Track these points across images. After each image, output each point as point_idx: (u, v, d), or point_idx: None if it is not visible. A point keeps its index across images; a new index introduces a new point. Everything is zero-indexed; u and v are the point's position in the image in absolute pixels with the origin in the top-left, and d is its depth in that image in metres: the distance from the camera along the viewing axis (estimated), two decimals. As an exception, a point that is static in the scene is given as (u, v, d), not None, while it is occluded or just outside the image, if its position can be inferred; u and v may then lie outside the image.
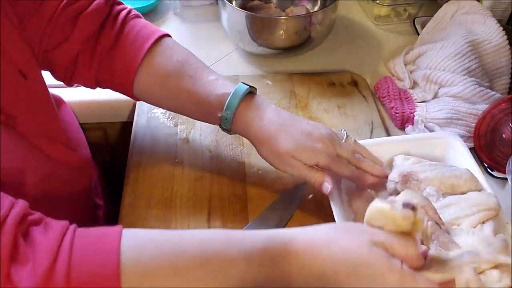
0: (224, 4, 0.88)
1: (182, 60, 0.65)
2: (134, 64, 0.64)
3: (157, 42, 0.65)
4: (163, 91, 0.65)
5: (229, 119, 0.62)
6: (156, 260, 0.43)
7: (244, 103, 0.62)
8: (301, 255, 0.45)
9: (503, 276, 0.54)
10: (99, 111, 0.87)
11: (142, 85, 0.65)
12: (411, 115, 0.81)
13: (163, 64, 0.64)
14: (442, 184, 0.63)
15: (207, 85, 0.63)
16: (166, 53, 0.65)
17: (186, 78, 0.64)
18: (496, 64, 0.84)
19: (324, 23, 0.90)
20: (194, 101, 0.64)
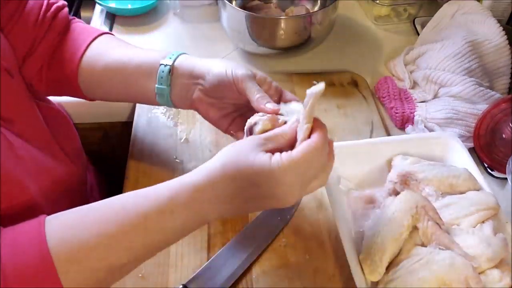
0: (224, 4, 0.88)
1: (123, 42, 0.69)
2: (76, 55, 0.66)
3: (100, 35, 0.69)
4: (103, 68, 0.66)
5: (174, 55, 0.63)
6: (82, 234, 0.45)
7: (185, 55, 0.65)
8: (206, 191, 0.47)
9: (503, 276, 0.54)
10: (99, 111, 0.87)
11: (85, 70, 0.67)
12: (411, 115, 0.81)
13: (104, 46, 0.67)
14: (441, 184, 0.63)
15: (148, 50, 0.67)
16: (109, 43, 0.68)
17: (125, 48, 0.67)
18: (496, 64, 0.84)
19: (324, 23, 0.90)
20: (134, 61, 0.65)
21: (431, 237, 0.55)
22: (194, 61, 0.63)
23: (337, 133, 0.79)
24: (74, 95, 0.70)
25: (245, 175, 0.47)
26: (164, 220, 0.47)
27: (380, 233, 0.56)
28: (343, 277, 0.61)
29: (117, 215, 0.47)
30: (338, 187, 0.67)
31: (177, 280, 0.60)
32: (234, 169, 0.47)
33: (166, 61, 0.63)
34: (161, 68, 0.62)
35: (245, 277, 0.61)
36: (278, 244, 0.64)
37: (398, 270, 0.54)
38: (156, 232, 0.47)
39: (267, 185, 0.47)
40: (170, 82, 0.62)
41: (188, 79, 0.62)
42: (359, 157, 0.69)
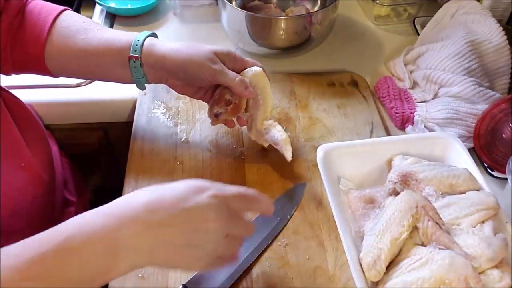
0: (224, 4, 0.88)
1: (87, 21, 0.71)
2: (42, 34, 0.67)
3: (61, 13, 0.70)
4: (72, 49, 0.68)
5: (139, 44, 0.67)
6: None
7: (153, 38, 0.69)
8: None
9: (503, 276, 0.54)
10: (99, 111, 0.87)
11: (53, 52, 0.68)
12: (411, 115, 0.81)
13: (70, 27, 0.69)
14: (441, 184, 0.63)
15: (115, 32, 0.70)
16: (72, 19, 0.70)
17: (93, 31, 0.69)
18: (496, 64, 0.84)
19: (324, 23, 0.90)
20: (104, 45, 0.68)
21: (431, 237, 0.55)
22: (162, 53, 0.67)
23: (337, 133, 0.79)
24: (41, 73, 0.71)
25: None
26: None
27: (380, 233, 0.56)
28: (343, 277, 0.61)
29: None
30: (338, 187, 0.67)
31: (177, 280, 0.60)
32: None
33: (134, 54, 0.67)
34: (131, 63, 0.67)
35: (245, 277, 0.61)
36: (278, 244, 0.64)
37: (398, 270, 0.54)
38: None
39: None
40: (144, 72, 0.69)
41: (160, 71, 0.69)
42: (359, 157, 0.69)
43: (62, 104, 0.85)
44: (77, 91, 0.86)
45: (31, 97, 0.84)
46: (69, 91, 0.86)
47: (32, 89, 0.85)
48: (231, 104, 0.70)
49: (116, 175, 0.99)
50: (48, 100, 0.85)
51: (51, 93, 0.85)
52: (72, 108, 0.86)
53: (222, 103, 0.70)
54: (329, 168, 0.66)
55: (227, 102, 0.70)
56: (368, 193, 0.65)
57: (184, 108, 0.83)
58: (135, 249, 0.45)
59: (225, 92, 0.70)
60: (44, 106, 0.84)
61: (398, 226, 0.55)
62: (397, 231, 0.55)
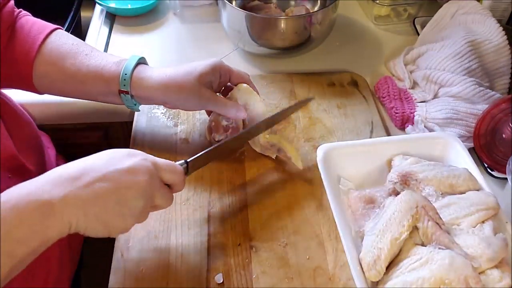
0: (224, 4, 0.88)
1: (77, 43, 0.70)
2: (31, 52, 0.67)
3: (52, 33, 0.70)
4: (60, 73, 0.68)
5: (128, 78, 0.67)
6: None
7: (140, 66, 0.69)
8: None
9: (503, 276, 0.54)
10: (99, 111, 0.86)
11: (41, 71, 0.68)
12: (411, 115, 0.81)
13: (59, 49, 0.68)
14: (441, 184, 0.63)
15: (104, 58, 0.69)
16: (61, 39, 0.70)
17: (82, 56, 0.68)
18: (496, 64, 0.84)
19: (324, 23, 0.90)
20: (93, 73, 0.68)
21: (431, 237, 0.55)
22: (150, 86, 0.68)
23: (337, 133, 0.79)
24: (27, 90, 0.71)
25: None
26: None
27: (380, 233, 0.56)
28: (343, 277, 0.61)
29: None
30: (338, 187, 0.67)
31: (177, 280, 0.60)
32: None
33: (123, 89, 0.68)
34: (122, 96, 0.69)
35: (245, 277, 0.61)
36: (278, 244, 0.64)
37: (398, 270, 0.54)
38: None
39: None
40: (136, 101, 0.70)
41: (152, 102, 0.72)
42: (359, 157, 0.69)
43: (62, 104, 0.85)
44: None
45: (31, 97, 0.83)
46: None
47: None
48: (229, 129, 0.72)
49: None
50: (47, 100, 0.84)
51: (51, 93, 0.85)
52: (72, 108, 0.85)
53: (220, 130, 0.73)
54: (329, 168, 0.66)
55: (225, 128, 0.72)
56: (368, 193, 0.65)
57: (184, 108, 0.83)
58: (69, 205, 0.47)
59: (220, 118, 0.72)
60: (43, 106, 0.84)
61: (398, 226, 0.55)
62: (397, 231, 0.55)
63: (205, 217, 0.67)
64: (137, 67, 0.69)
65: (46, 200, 0.46)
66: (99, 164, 0.51)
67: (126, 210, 0.51)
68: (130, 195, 0.51)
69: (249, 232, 0.66)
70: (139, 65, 0.69)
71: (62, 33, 0.71)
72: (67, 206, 0.47)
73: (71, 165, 0.51)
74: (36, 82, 0.69)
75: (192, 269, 0.62)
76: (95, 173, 0.49)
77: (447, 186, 0.63)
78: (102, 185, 0.49)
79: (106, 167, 0.50)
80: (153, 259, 0.63)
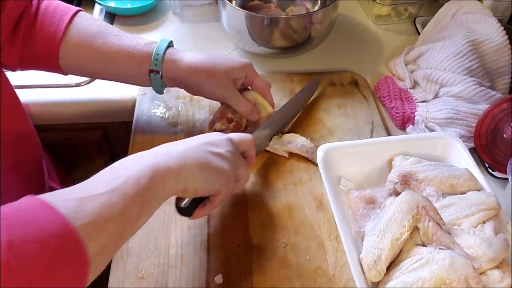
0: (224, 4, 0.88)
1: (105, 24, 0.72)
2: (58, 34, 0.68)
3: (76, 14, 0.70)
4: (90, 53, 0.69)
5: (160, 58, 0.69)
6: (94, 206, 0.44)
7: (171, 48, 0.72)
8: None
9: (504, 276, 0.54)
10: (99, 111, 0.86)
11: (68, 52, 0.69)
12: (411, 115, 0.81)
13: (87, 29, 0.69)
14: (442, 184, 0.63)
15: (134, 39, 0.71)
16: (87, 21, 0.71)
17: (111, 36, 0.70)
18: (497, 63, 0.84)
19: (324, 23, 0.89)
20: (124, 53, 0.69)
21: (431, 238, 0.55)
22: (182, 69, 0.71)
23: (337, 133, 0.79)
24: (51, 71, 0.72)
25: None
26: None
27: (380, 234, 0.56)
28: (343, 277, 0.61)
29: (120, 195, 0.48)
30: (338, 187, 0.67)
31: (177, 280, 0.60)
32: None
33: (155, 68, 0.70)
34: (152, 75, 0.71)
35: (245, 277, 0.61)
36: (278, 244, 0.64)
37: (398, 270, 0.54)
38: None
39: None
40: (163, 82, 0.72)
41: (178, 84, 0.73)
42: (360, 157, 0.69)
43: (62, 104, 0.85)
44: (76, 91, 0.86)
45: (31, 97, 0.83)
46: (68, 91, 0.86)
47: (31, 89, 0.85)
48: (233, 122, 0.74)
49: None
50: (47, 100, 0.85)
51: (51, 93, 0.85)
52: (72, 108, 0.85)
53: (224, 120, 0.74)
54: (329, 168, 0.66)
55: (229, 119, 0.74)
56: (369, 193, 0.65)
57: (184, 108, 0.83)
58: (185, 169, 0.53)
59: (227, 110, 0.74)
60: (43, 106, 0.84)
61: (399, 226, 0.55)
62: (397, 231, 0.55)
63: (205, 217, 0.67)
64: (168, 49, 0.71)
65: (168, 167, 0.51)
66: (191, 141, 0.57)
67: (221, 170, 0.56)
68: (220, 160, 0.56)
69: (249, 232, 0.66)
70: (169, 47, 0.71)
71: (87, 15, 0.72)
72: (184, 171, 0.53)
73: (172, 144, 0.56)
74: (62, 63, 0.69)
75: (192, 269, 0.61)
76: (192, 146, 0.56)
77: (447, 186, 0.63)
78: (196, 142, 0.56)
79: (199, 144, 0.56)
80: (152, 260, 0.62)
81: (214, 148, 0.57)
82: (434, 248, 0.54)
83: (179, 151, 0.54)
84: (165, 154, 0.53)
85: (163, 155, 0.52)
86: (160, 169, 0.50)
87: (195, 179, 0.54)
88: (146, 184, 0.49)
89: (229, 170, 0.57)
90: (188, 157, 0.54)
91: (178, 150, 0.54)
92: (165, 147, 0.55)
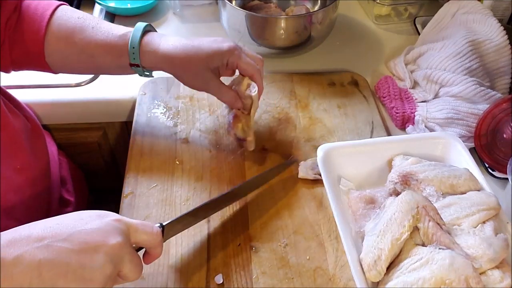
0: (224, 4, 0.88)
1: (82, 17, 0.70)
2: (40, 31, 0.67)
3: (57, 9, 0.70)
4: (71, 49, 0.69)
5: (136, 52, 0.67)
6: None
7: (146, 36, 0.69)
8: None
9: (504, 276, 0.54)
10: (99, 111, 0.86)
11: (52, 49, 0.69)
12: (411, 115, 0.81)
13: (66, 24, 0.69)
14: (442, 184, 0.63)
15: (110, 31, 0.69)
16: (67, 15, 0.70)
17: (89, 29, 0.69)
18: (497, 63, 0.84)
19: (324, 23, 0.89)
20: (101, 48, 0.68)
21: (431, 238, 0.55)
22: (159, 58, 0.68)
23: (337, 133, 0.79)
24: (41, 69, 0.72)
25: None
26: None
27: (380, 234, 0.55)
28: (343, 277, 0.61)
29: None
30: (338, 187, 0.67)
31: (177, 280, 0.60)
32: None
33: (133, 62, 0.68)
34: (133, 68, 0.69)
35: (245, 277, 0.61)
36: (278, 244, 0.64)
37: (398, 270, 0.54)
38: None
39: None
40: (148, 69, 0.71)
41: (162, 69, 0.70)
42: (360, 157, 0.69)
43: (62, 104, 0.85)
44: (76, 91, 0.86)
45: (31, 97, 0.84)
46: (69, 91, 0.86)
47: (31, 89, 0.85)
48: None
49: (115, 175, 0.99)
50: (47, 100, 0.85)
51: (51, 93, 0.85)
52: (72, 108, 0.85)
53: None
54: (329, 168, 0.66)
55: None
56: (369, 193, 0.65)
57: (184, 108, 0.83)
58: (21, 266, 0.42)
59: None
60: (43, 106, 0.84)
61: (399, 226, 0.55)
62: (397, 231, 0.55)
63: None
64: (144, 37, 0.68)
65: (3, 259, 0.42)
66: (64, 224, 0.45)
67: (88, 275, 0.44)
68: (96, 259, 0.44)
69: (249, 232, 0.66)
70: (146, 33, 0.69)
71: (67, 8, 0.71)
72: (19, 267, 0.42)
73: (35, 224, 0.46)
74: (49, 60, 0.69)
75: (192, 269, 0.61)
76: (57, 233, 0.44)
77: (447, 186, 0.63)
78: (63, 246, 0.44)
79: (72, 227, 0.45)
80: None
81: (99, 238, 0.45)
82: (434, 248, 0.54)
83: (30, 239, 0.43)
84: (9, 241, 0.43)
85: (6, 242, 0.43)
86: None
87: (39, 280, 0.42)
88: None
89: (107, 272, 0.45)
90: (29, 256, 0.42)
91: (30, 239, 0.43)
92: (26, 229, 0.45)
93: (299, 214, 0.68)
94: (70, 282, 0.43)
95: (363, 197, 0.64)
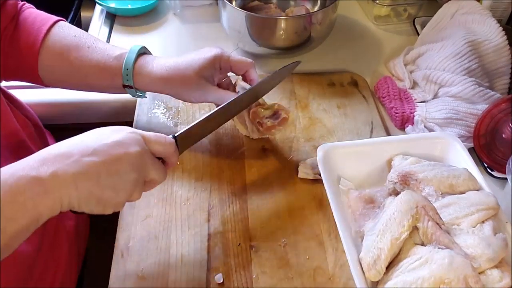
0: (224, 4, 0.88)
1: (79, 35, 0.71)
2: (36, 44, 0.67)
3: (54, 24, 0.70)
4: (65, 66, 0.69)
5: (130, 74, 0.68)
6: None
7: (140, 59, 0.70)
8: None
9: (503, 276, 0.54)
10: (100, 111, 0.87)
11: (45, 64, 0.69)
12: (411, 115, 0.81)
13: (62, 41, 0.69)
14: (441, 184, 0.63)
15: (105, 51, 0.70)
16: (64, 32, 0.70)
17: (84, 49, 0.69)
18: (496, 64, 0.84)
19: (324, 23, 0.90)
20: (96, 68, 0.69)
21: (431, 237, 0.55)
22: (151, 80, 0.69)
23: (337, 133, 0.79)
24: (32, 82, 0.72)
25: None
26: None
27: (380, 233, 0.56)
28: (343, 277, 0.61)
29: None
30: (337, 187, 0.67)
31: (177, 280, 0.60)
32: None
33: (127, 83, 0.69)
34: (127, 89, 0.70)
35: (245, 277, 0.61)
36: (278, 244, 0.64)
37: (398, 270, 0.54)
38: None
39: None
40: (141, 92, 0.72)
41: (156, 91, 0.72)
42: (359, 157, 0.69)
43: (62, 104, 0.85)
44: (76, 91, 0.86)
45: (31, 97, 0.84)
46: (69, 91, 0.85)
47: (32, 89, 0.85)
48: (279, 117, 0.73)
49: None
50: (48, 100, 0.85)
51: (51, 93, 0.85)
52: (72, 108, 0.86)
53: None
54: (329, 168, 0.66)
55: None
56: (368, 193, 0.65)
57: (184, 108, 0.83)
58: (59, 181, 0.46)
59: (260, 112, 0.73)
60: (44, 106, 0.84)
61: (398, 226, 0.55)
62: (397, 231, 0.55)
63: (205, 217, 0.67)
64: (138, 60, 0.69)
65: (35, 177, 0.45)
66: (87, 141, 0.50)
67: (118, 183, 0.50)
68: (121, 167, 0.50)
69: (249, 232, 0.66)
70: (140, 56, 0.70)
71: (65, 24, 0.71)
72: (57, 182, 0.46)
73: (59, 144, 0.50)
74: (41, 74, 0.69)
75: (192, 269, 0.62)
76: (83, 149, 0.49)
77: (447, 186, 0.63)
78: (91, 159, 0.48)
79: (95, 142, 0.50)
80: (153, 259, 0.63)
81: (120, 149, 0.50)
82: (433, 247, 0.54)
83: (61, 152, 0.48)
84: (41, 161, 0.47)
85: (39, 162, 0.47)
86: (21, 179, 0.45)
87: (77, 192, 0.47)
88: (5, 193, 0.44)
89: (132, 178, 0.51)
90: (67, 166, 0.47)
91: (61, 152, 0.48)
92: (54, 149, 0.49)
93: (299, 214, 0.68)
94: (102, 191, 0.49)
95: (363, 197, 0.65)
